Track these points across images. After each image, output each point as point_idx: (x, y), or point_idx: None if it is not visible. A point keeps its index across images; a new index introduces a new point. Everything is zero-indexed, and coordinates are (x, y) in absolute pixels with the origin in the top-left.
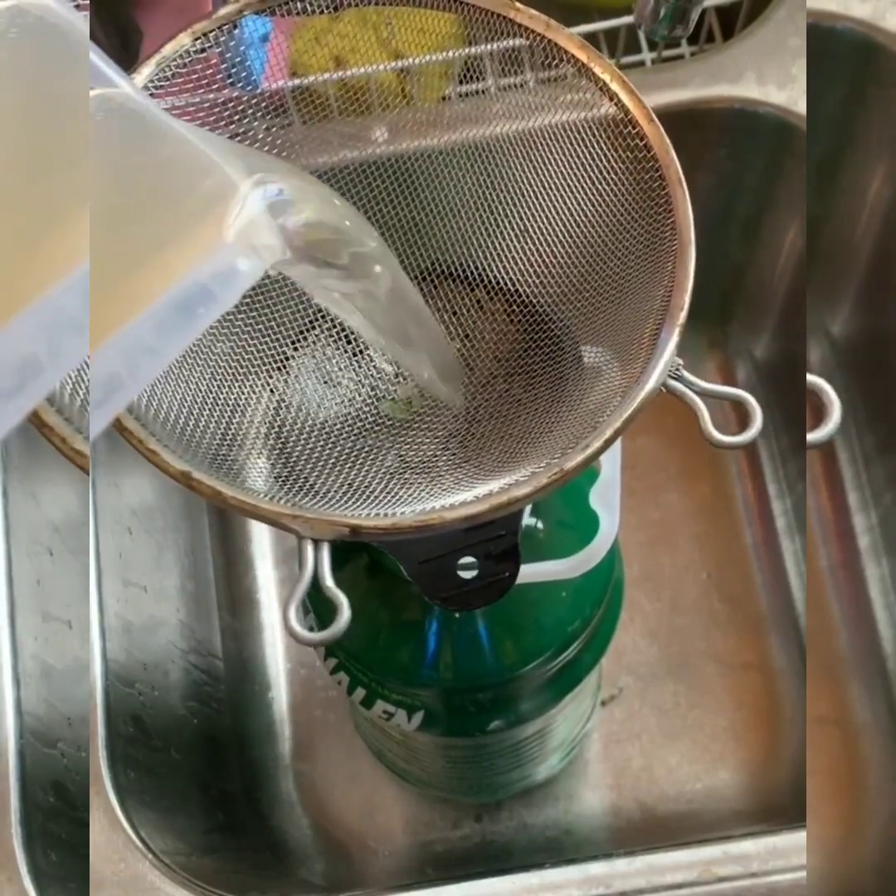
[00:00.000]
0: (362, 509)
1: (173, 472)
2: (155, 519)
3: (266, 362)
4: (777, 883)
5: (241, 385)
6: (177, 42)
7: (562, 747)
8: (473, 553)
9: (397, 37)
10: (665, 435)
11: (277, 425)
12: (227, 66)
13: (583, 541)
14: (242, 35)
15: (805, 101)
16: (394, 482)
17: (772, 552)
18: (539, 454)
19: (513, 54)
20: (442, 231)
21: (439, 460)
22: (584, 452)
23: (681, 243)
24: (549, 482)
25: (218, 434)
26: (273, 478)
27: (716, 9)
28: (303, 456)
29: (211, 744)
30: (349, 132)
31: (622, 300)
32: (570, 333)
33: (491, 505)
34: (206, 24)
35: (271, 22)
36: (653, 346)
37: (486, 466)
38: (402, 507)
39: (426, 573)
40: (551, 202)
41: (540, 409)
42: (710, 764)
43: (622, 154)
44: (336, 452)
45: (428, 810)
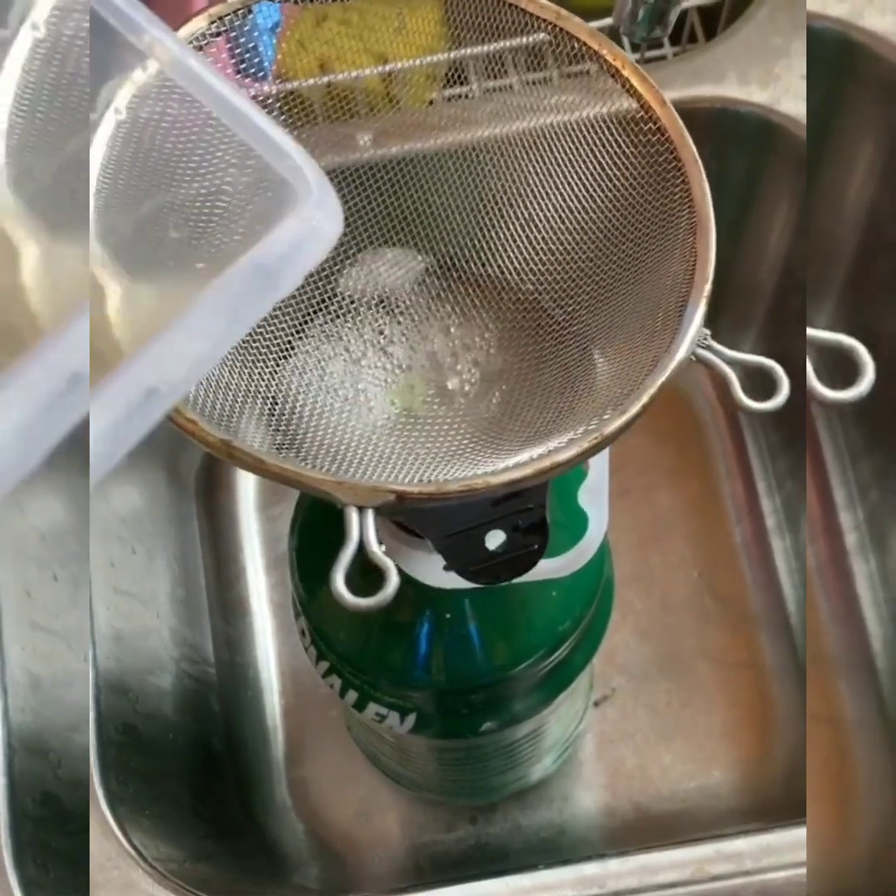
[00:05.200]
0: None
1: (213, 441)
2: (144, 525)
3: (273, 349)
4: (770, 881)
5: (250, 370)
6: (193, 25)
7: (555, 748)
8: (501, 526)
9: (382, 40)
10: (655, 434)
11: (287, 409)
12: (239, 51)
13: (572, 540)
14: (256, 21)
15: (797, 101)
16: (413, 459)
17: (762, 550)
18: (565, 428)
19: (500, 56)
20: (435, 232)
21: (457, 439)
22: (623, 417)
23: (700, 217)
24: (591, 446)
25: (233, 417)
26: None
27: (698, 9)
28: (318, 435)
29: (204, 750)
30: (335, 137)
31: (640, 279)
32: (584, 317)
33: (536, 469)
34: (222, 7)
35: (280, 12)
36: (680, 318)
37: (511, 443)
38: (432, 478)
39: (454, 547)
40: (561, 196)
41: (556, 390)
42: (703, 763)
43: (634, 139)
44: (349, 434)
45: (422, 813)
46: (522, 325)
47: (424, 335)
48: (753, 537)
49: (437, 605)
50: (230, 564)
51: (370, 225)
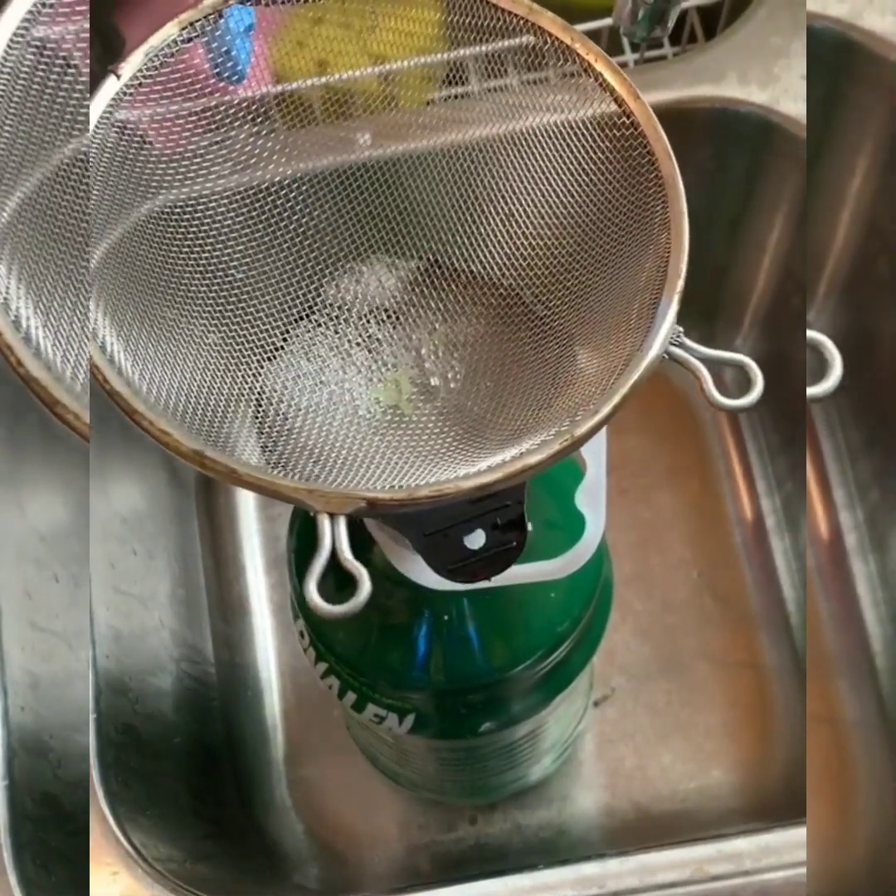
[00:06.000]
0: (372, 484)
1: (185, 451)
2: (144, 525)
3: (256, 351)
4: (770, 881)
5: (234, 374)
6: (164, 32)
7: (555, 748)
8: (480, 524)
9: (381, 40)
10: (654, 434)
11: (271, 411)
12: (213, 56)
13: (570, 541)
14: (228, 25)
15: (797, 101)
16: (398, 458)
17: (761, 550)
18: (542, 427)
19: (498, 55)
20: (430, 233)
21: (441, 437)
22: (594, 418)
23: (673, 213)
24: (561, 449)
25: (216, 421)
26: (274, 460)
27: (697, 9)
28: (301, 436)
29: (204, 750)
30: (333, 137)
31: (617, 275)
32: (564, 312)
33: (505, 473)
34: (193, 13)
35: (254, 13)
36: (652, 316)
37: (491, 441)
38: (412, 480)
39: (432, 546)
40: (540, 192)
41: (538, 385)
42: (703, 763)
43: (608, 133)
44: (334, 434)
45: (422, 813)
46: (507, 322)
47: (409, 333)
48: (753, 537)
49: (435, 606)
50: (230, 564)
51: (357, 227)
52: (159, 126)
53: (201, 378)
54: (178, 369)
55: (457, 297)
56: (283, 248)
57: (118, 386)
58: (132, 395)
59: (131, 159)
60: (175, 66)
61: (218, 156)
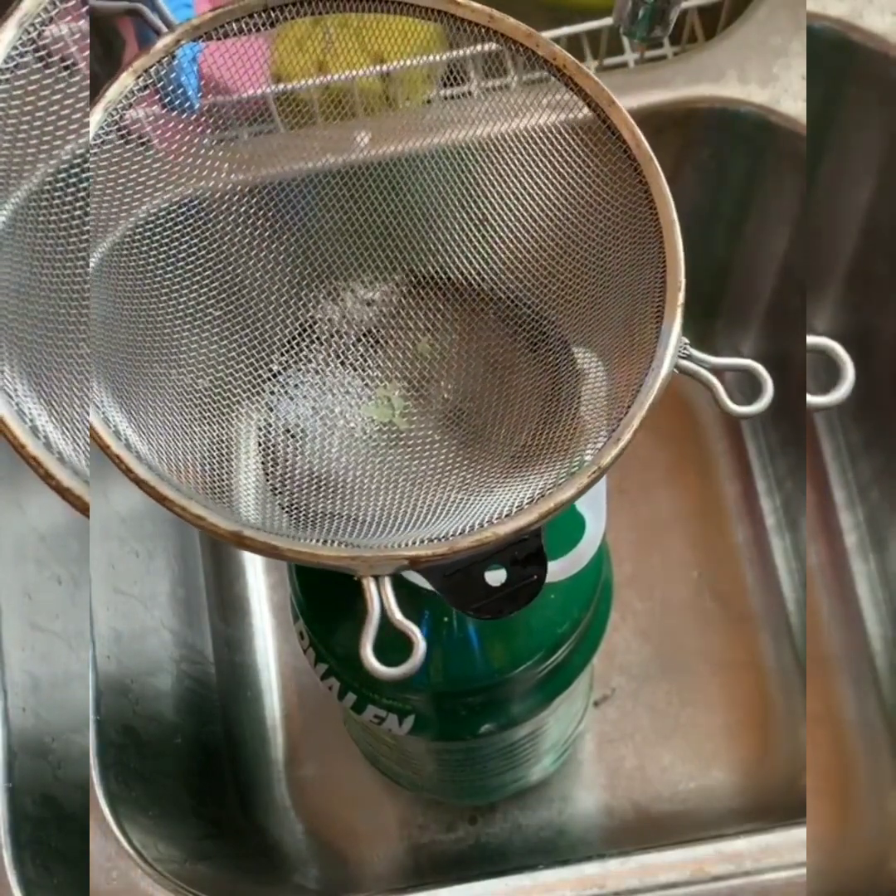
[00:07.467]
0: (402, 535)
1: (223, 532)
2: (144, 526)
3: (245, 389)
4: (770, 881)
5: (228, 419)
6: (121, 83)
7: (555, 749)
8: (499, 560)
9: (379, 41)
10: (655, 434)
11: (271, 451)
12: (162, 94)
13: (569, 543)
14: (176, 63)
15: (797, 101)
16: (403, 480)
17: (762, 550)
18: (555, 448)
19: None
20: (427, 234)
21: (442, 450)
22: (618, 445)
23: (663, 222)
24: (591, 481)
25: (223, 472)
26: (286, 513)
27: (697, 8)
28: (305, 468)
29: (204, 750)
30: (333, 137)
31: (609, 282)
32: (562, 328)
33: (540, 513)
34: (145, 59)
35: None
36: (657, 329)
37: (499, 456)
38: (440, 524)
39: (454, 586)
40: (515, 197)
41: (537, 394)
42: (703, 763)
43: (584, 138)
44: (335, 463)
45: (422, 813)
46: (500, 333)
47: (393, 346)
48: (753, 537)
49: (435, 607)
50: (230, 564)
51: (343, 239)
52: (162, 126)
53: (200, 429)
54: (179, 427)
55: (448, 309)
56: (269, 261)
57: (143, 474)
58: (159, 482)
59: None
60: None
61: (218, 156)
